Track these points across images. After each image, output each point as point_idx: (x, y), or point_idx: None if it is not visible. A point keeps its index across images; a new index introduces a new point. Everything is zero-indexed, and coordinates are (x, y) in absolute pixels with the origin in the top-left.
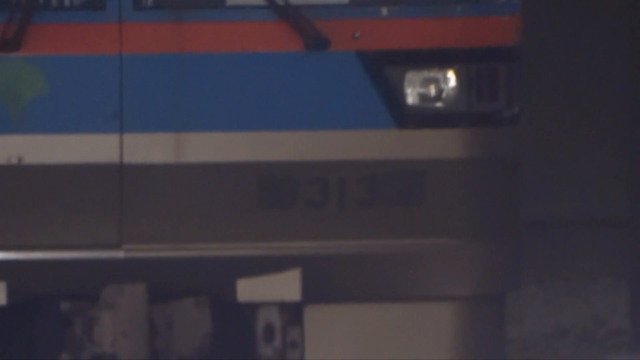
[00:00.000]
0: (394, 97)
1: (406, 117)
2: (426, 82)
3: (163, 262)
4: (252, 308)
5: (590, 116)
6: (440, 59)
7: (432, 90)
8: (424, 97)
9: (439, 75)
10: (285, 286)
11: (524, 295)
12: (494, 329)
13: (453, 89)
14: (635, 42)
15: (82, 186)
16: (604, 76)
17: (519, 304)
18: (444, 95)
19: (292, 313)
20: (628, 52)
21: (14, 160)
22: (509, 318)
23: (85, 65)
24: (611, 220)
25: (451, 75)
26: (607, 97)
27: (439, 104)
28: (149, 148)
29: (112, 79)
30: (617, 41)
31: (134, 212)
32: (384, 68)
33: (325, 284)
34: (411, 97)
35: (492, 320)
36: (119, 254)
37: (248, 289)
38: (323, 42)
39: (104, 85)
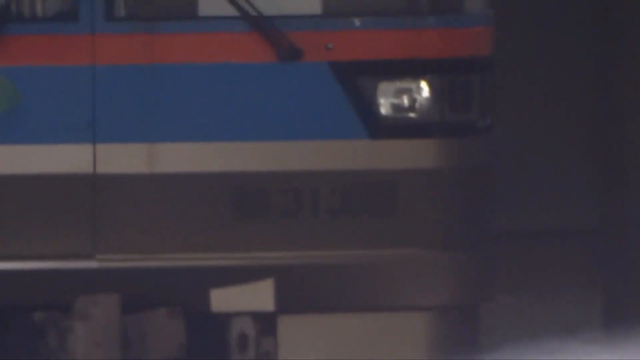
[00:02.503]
0: (366, 108)
1: (379, 128)
2: (399, 93)
3: (136, 272)
4: (226, 318)
5: (558, 126)
6: (413, 69)
7: (405, 101)
8: (396, 108)
9: (412, 85)
10: (259, 296)
11: (497, 306)
12: (467, 339)
13: (426, 99)
14: (604, 57)
15: (56, 196)
16: (573, 87)
17: (492, 315)
18: (416, 105)
19: (266, 323)
20: (599, 67)
21: None
22: (481, 328)
23: (58, 77)
24: (582, 229)
25: (424, 86)
26: (576, 107)
27: (411, 114)
28: (121, 158)
29: (85, 90)
30: (586, 56)
31: (108, 223)
32: (356, 79)
33: (299, 294)
34: (384, 107)
35: (465, 330)
36: (93, 264)
37: (221, 299)
38: (296, 53)
39: (77, 96)
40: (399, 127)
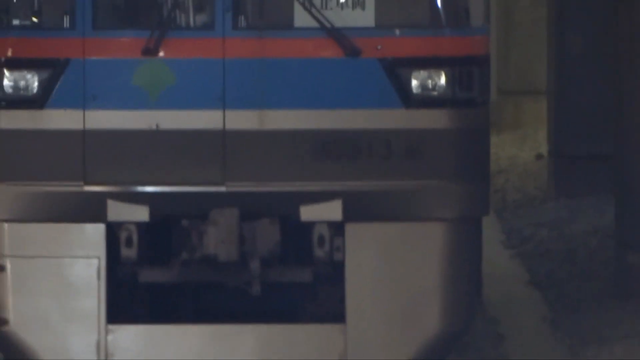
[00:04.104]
0: (403, 88)
1: (412, 101)
2: (425, 78)
3: (250, 194)
4: (310, 224)
5: None
6: (434, 63)
7: (429, 84)
8: (424, 88)
9: (434, 73)
10: (332, 210)
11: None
12: (474, 244)
13: (443, 82)
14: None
15: (200, 145)
16: None
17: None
18: (437, 86)
19: (337, 228)
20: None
21: (154, 126)
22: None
23: (200, 65)
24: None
25: (442, 74)
26: None
27: (434, 92)
28: (242, 119)
29: (218, 74)
30: None
31: (232, 162)
32: (397, 69)
33: (358, 209)
34: (415, 88)
35: (473, 236)
36: (222, 189)
37: (308, 212)
38: (357, 52)
39: (212, 78)
40: (425, 101)
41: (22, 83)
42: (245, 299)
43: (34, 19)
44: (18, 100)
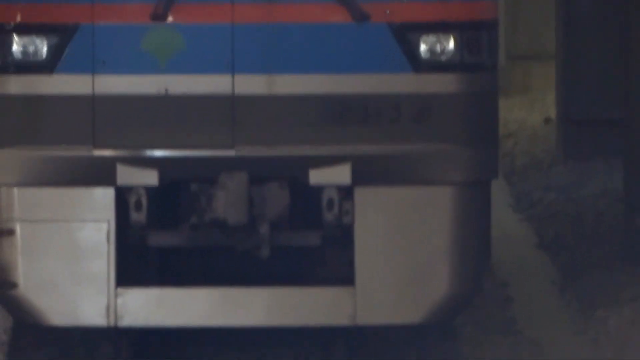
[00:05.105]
0: (412, 52)
1: (420, 65)
2: (434, 43)
3: (259, 158)
4: (319, 188)
5: None
6: (443, 27)
7: (438, 48)
8: (432, 52)
9: (443, 38)
10: (341, 174)
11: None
12: (483, 207)
13: (452, 47)
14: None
15: (208, 108)
16: None
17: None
18: (446, 51)
19: (346, 192)
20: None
21: (162, 91)
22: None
23: (209, 30)
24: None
25: (451, 38)
26: None
27: (442, 57)
28: (250, 84)
29: (227, 39)
30: None
31: (242, 126)
32: (406, 33)
33: (367, 173)
34: (424, 52)
35: (482, 200)
36: (231, 152)
37: (316, 176)
38: (365, 16)
39: (221, 43)
40: (434, 65)
41: (31, 48)
42: (254, 262)
43: None
44: (27, 66)
